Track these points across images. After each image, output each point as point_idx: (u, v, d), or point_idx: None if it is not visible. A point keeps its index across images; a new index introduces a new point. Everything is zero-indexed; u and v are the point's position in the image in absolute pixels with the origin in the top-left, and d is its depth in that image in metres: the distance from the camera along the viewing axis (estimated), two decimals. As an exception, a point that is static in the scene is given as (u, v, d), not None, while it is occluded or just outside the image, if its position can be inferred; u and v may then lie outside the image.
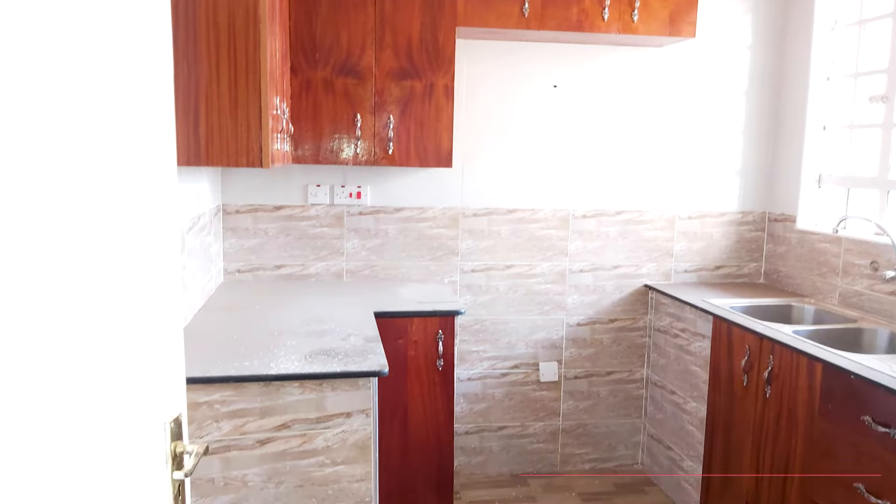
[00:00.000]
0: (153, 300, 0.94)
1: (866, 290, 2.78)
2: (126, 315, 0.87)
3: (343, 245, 3.07)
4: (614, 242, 3.29)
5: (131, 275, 0.89)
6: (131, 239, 0.89)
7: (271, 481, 1.83)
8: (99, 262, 0.81)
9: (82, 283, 0.77)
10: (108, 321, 0.83)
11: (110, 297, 0.83)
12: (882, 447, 1.94)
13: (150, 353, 0.93)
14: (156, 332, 0.95)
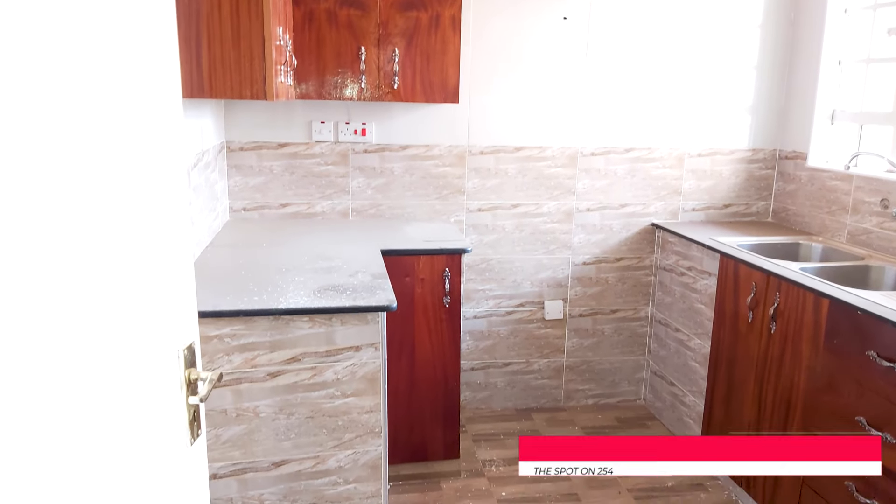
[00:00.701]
0: (164, 230, 0.94)
1: (875, 228, 2.76)
2: (138, 245, 0.87)
3: (348, 183, 3.05)
4: (622, 181, 3.26)
5: (142, 206, 0.88)
6: (141, 169, 0.88)
7: (282, 412, 1.86)
8: (110, 194, 0.79)
9: (95, 214, 0.76)
10: (121, 251, 0.82)
11: (123, 229, 0.83)
12: (885, 381, 1.96)
13: (162, 282, 0.93)
14: (166, 261, 0.95)
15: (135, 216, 0.86)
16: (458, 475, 2.83)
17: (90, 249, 0.75)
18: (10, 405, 0.61)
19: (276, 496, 1.92)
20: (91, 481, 0.77)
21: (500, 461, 2.96)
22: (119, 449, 0.83)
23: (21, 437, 0.63)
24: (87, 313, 0.75)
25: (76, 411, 0.73)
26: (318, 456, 1.91)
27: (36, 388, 0.66)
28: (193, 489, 1.03)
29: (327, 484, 1.94)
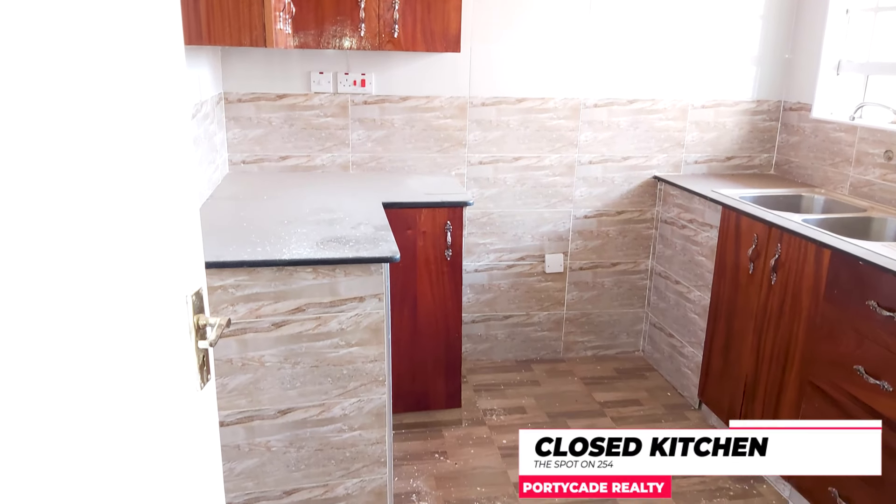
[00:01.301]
0: (169, 175, 0.93)
1: (878, 180, 2.75)
2: (145, 191, 0.86)
3: (348, 136, 3.02)
4: (625, 133, 3.23)
5: (148, 151, 0.87)
6: (146, 114, 0.86)
7: (287, 361, 1.88)
8: (117, 140, 0.78)
9: (103, 161, 0.75)
10: (129, 197, 0.82)
11: (130, 175, 0.82)
12: (885, 331, 1.97)
13: (169, 227, 0.93)
14: (173, 206, 0.94)
15: (141, 162, 0.85)
16: (460, 423, 2.88)
17: (99, 194, 0.75)
18: (26, 345, 0.62)
19: (283, 443, 1.95)
20: (104, 426, 0.78)
21: (500, 410, 3.01)
22: (131, 394, 0.84)
23: (35, 376, 0.64)
24: (97, 259, 0.75)
25: (88, 357, 0.74)
26: (323, 404, 1.94)
27: (50, 329, 0.66)
28: (204, 433, 1.05)
29: (332, 431, 1.97)
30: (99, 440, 0.77)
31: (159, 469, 0.91)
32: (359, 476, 2.04)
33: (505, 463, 2.63)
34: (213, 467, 1.09)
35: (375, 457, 2.03)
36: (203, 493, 1.07)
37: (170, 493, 0.94)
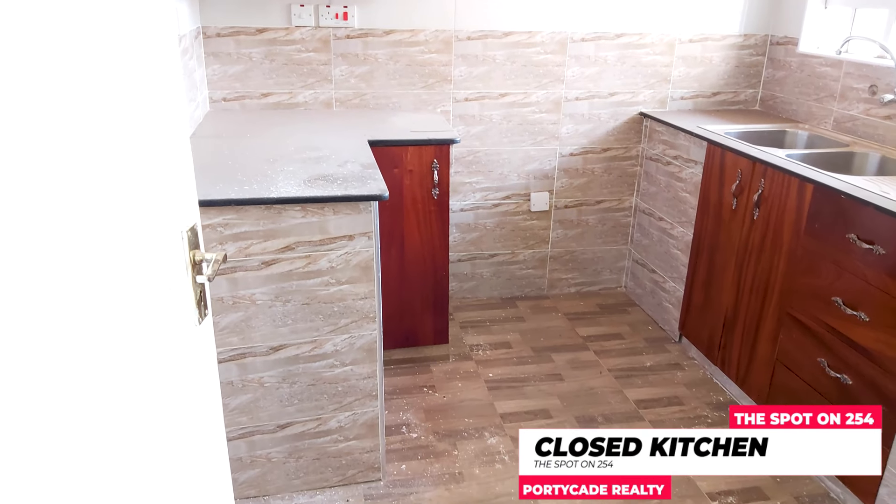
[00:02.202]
0: (160, 108, 0.91)
1: (861, 115, 2.76)
2: (136, 125, 0.84)
3: (331, 71, 2.95)
4: (612, 68, 3.19)
5: (138, 84, 0.85)
6: (134, 45, 0.84)
7: (278, 299, 1.89)
8: (107, 75, 0.76)
9: (93, 95, 0.73)
10: (121, 131, 0.80)
11: (121, 109, 0.80)
12: (864, 263, 2.02)
13: (162, 162, 0.92)
14: (164, 140, 0.93)
15: (131, 95, 0.83)
16: (447, 359, 2.94)
17: (90, 127, 0.73)
18: (29, 283, 0.62)
19: (276, 378, 1.98)
20: (105, 361, 0.79)
21: (486, 346, 3.07)
22: (132, 330, 0.85)
23: (38, 312, 0.64)
24: (91, 196, 0.74)
25: (87, 297, 0.74)
26: (314, 340, 1.97)
27: (48, 266, 0.66)
28: (203, 367, 1.07)
29: (325, 366, 2.01)
30: (101, 378, 0.78)
31: (161, 404, 0.93)
32: (351, 409, 2.09)
33: (491, 395, 2.70)
34: (213, 401, 1.11)
35: (367, 391, 2.08)
36: (204, 426, 1.09)
37: (172, 427, 0.96)
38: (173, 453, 0.97)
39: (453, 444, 2.41)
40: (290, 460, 2.10)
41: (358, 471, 2.17)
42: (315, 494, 2.15)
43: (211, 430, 1.11)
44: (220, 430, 1.14)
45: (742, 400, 2.67)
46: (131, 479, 0.86)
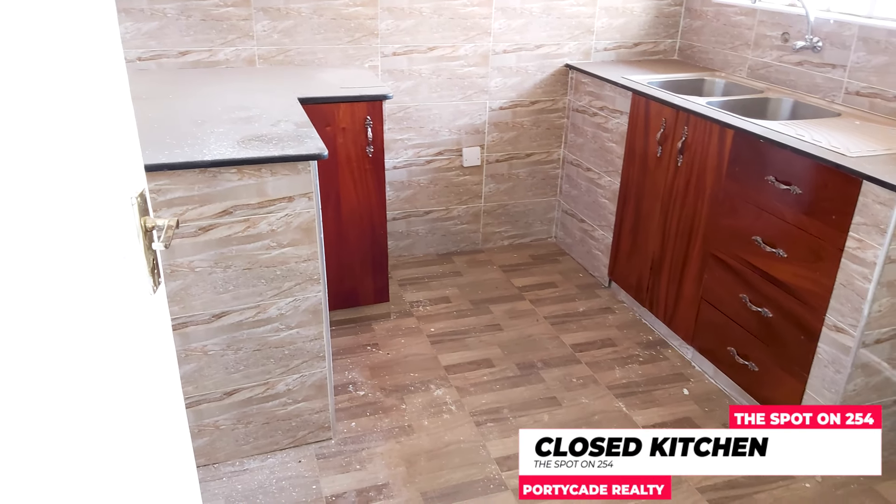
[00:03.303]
0: (98, 67, 0.86)
1: (774, 62, 2.90)
2: (76, 86, 0.79)
3: (252, 27, 2.83)
4: (537, 20, 3.21)
5: (72, 41, 0.79)
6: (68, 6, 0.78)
7: (218, 266, 1.85)
8: (39, 37, 0.71)
9: (25, 56, 0.68)
10: (59, 92, 0.75)
11: (57, 67, 0.75)
12: (782, 203, 2.16)
13: (105, 125, 0.87)
14: (106, 102, 0.88)
15: (69, 53, 0.78)
16: (389, 317, 2.95)
17: (28, 90, 0.69)
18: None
19: (219, 346, 1.95)
20: (58, 336, 0.76)
21: (426, 301, 3.10)
22: (84, 302, 0.81)
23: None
24: (32, 163, 0.70)
25: (34, 269, 0.70)
26: (258, 305, 1.94)
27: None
28: (158, 337, 1.04)
29: (270, 331, 1.98)
30: (55, 353, 0.75)
31: (119, 376, 0.91)
32: (299, 372, 2.08)
33: (434, 349, 2.74)
34: (170, 370, 1.09)
35: (314, 352, 2.07)
36: (162, 397, 1.07)
37: (129, 400, 0.94)
38: (133, 425, 0.95)
39: (401, 399, 2.45)
40: (239, 426, 2.08)
41: (308, 431, 2.18)
42: (266, 458, 2.14)
43: (170, 400, 1.09)
44: (178, 399, 1.12)
45: (670, 339, 2.82)
46: (90, 452, 0.84)
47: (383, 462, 2.15)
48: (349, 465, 2.14)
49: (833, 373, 2.04)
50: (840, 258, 1.96)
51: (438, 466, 2.14)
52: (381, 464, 2.15)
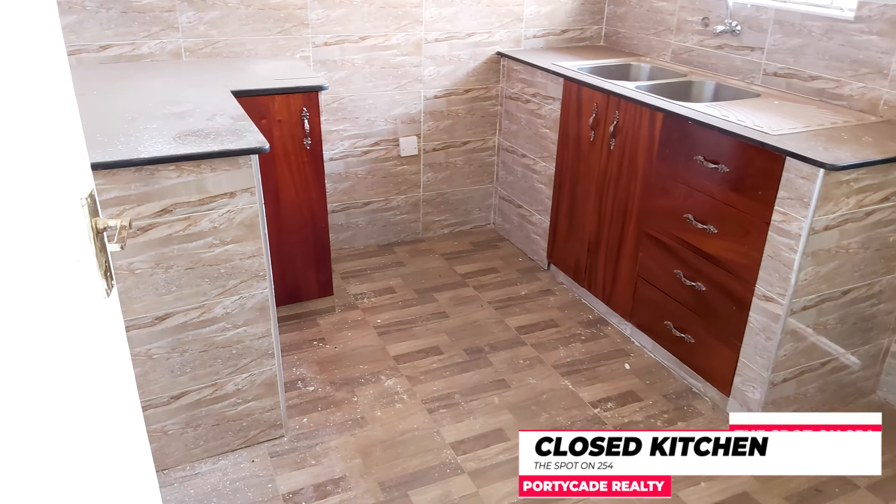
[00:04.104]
0: (39, 60, 0.82)
1: (696, 46, 3.02)
2: (18, 83, 0.75)
3: (177, 19, 2.74)
4: (468, 8, 3.22)
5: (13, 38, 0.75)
6: None
7: (159, 267, 1.79)
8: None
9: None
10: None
11: None
12: (711, 181, 2.26)
13: (50, 123, 0.83)
14: (50, 99, 0.84)
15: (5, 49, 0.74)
16: (333, 310, 2.93)
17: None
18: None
19: (164, 349, 1.89)
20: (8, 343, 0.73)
21: (370, 293, 3.09)
22: (37, 308, 0.78)
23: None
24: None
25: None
26: (203, 305, 1.89)
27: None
28: (113, 341, 1.00)
29: (216, 331, 1.94)
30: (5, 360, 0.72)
31: (73, 384, 0.87)
32: (248, 371, 2.04)
33: (382, 340, 2.74)
34: (126, 374, 1.05)
35: (263, 350, 2.04)
36: (119, 403, 1.03)
37: (86, 407, 0.91)
38: (91, 432, 0.92)
39: (351, 392, 2.44)
40: (188, 430, 2.03)
41: (260, 430, 2.15)
42: (218, 460, 2.10)
43: (127, 404, 1.06)
44: (135, 404, 1.09)
45: (610, 316, 2.92)
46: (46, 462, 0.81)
47: (338, 455, 2.15)
48: (304, 461, 2.12)
49: (764, 340, 2.16)
50: (767, 231, 2.08)
51: (394, 455, 2.15)
52: (336, 457, 2.14)
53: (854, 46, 2.35)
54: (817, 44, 2.48)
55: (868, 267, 2.14)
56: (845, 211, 1.98)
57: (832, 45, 2.42)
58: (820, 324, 2.16)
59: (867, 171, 1.95)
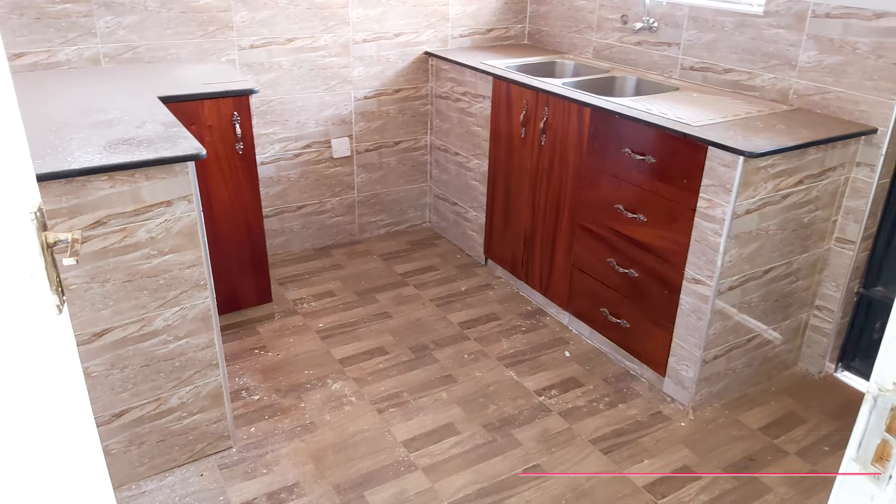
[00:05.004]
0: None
1: (616, 43, 3.14)
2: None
3: (94, 24, 2.63)
4: (395, 9, 3.24)
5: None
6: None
7: (95, 280, 1.73)
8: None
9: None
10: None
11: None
12: (638, 172, 2.36)
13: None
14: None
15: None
16: (273, 317, 2.89)
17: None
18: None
19: (103, 366, 1.83)
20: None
21: (309, 297, 3.06)
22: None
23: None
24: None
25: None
26: (143, 318, 1.83)
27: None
28: (66, 359, 0.97)
29: (157, 343, 1.89)
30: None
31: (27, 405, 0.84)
32: (192, 383, 2.00)
33: (325, 344, 2.73)
34: (80, 394, 1.02)
35: (207, 361, 2.00)
36: (75, 421, 1.00)
37: (41, 427, 0.88)
38: (47, 454, 0.89)
39: (298, 398, 2.42)
40: (132, 448, 1.96)
41: (207, 443, 2.10)
42: (165, 477, 2.04)
43: (82, 423, 1.02)
44: (90, 421, 1.06)
45: (548, 307, 3.00)
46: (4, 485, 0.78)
47: (290, 462, 2.13)
48: (255, 470, 2.09)
49: (695, 321, 2.28)
50: (693, 218, 2.19)
51: (347, 458, 2.15)
52: (288, 464, 2.12)
53: (764, 40, 2.50)
54: (730, 38, 2.63)
55: (786, 247, 2.29)
56: (764, 195, 2.12)
57: (743, 39, 2.57)
58: (745, 302, 2.30)
59: (782, 157, 2.08)
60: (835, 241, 2.42)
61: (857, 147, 2.28)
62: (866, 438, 0.69)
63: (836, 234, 2.41)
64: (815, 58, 2.36)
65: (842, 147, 2.23)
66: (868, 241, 2.39)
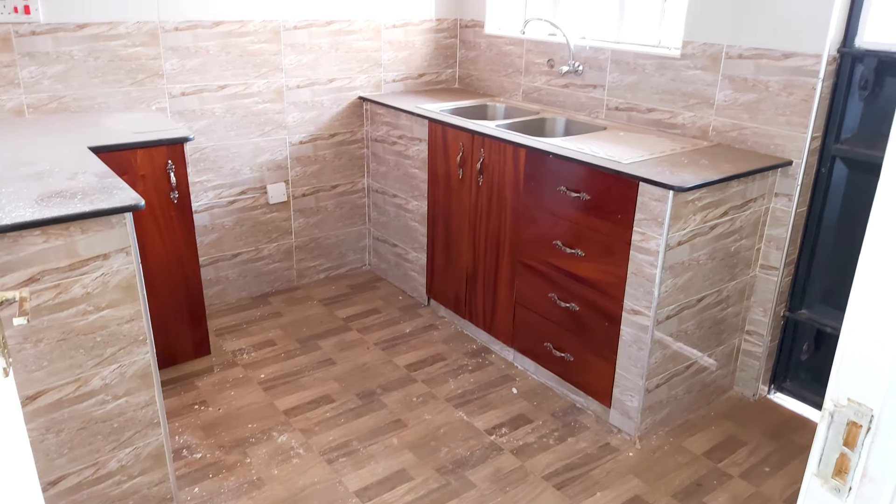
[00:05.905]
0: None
1: (544, 86, 3.26)
2: None
3: (17, 74, 2.54)
4: (327, 55, 3.27)
5: None
6: None
7: (27, 341, 1.63)
8: None
9: None
10: None
11: None
12: (574, 209, 2.44)
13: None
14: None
15: None
16: (212, 370, 2.80)
17: None
18: None
19: (37, 431, 1.72)
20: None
21: (249, 348, 2.98)
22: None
23: None
24: None
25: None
26: (78, 379, 1.74)
27: None
28: (12, 423, 0.92)
29: (95, 404, 1.79)
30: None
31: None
32: (132, 444, 1.90)
33: (268, 395, 2.65)
34: (25, 460, 0.96)
35: (147, 420, 1.91)
36: (20, 490, 0.94)
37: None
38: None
39: (243, 453, 2.33)
40: (67, 519, 1.84)
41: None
42: (103, 547, 1.92)
43: (28, 492, 0.96)
44: (36, 489, 0.99)
45: (492, 344, 3.03)
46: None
47: (239, 521, 2.04)
48: (201, 532, 1.99)
49: (636, 350, 2.34)
50: (629, 251, 2.28)
51: (298, 512, 2.08)
52: (236, 523, 2.03)
53: (683, 81, 2.66)
54: (651, 80, 2.78)
55: (716, 275, 2.40)
56: (693, 227, 2.22)
57: (664, 80, 2.73)
58: (682, 331, 2.39)
59: (708, 191, 2.20)
60: (760, 268, 2.56)
61: (775, 178, 2.43)
62: (826, 453, 0.73)
63: (760, 261, 2.55)
64: (730, 96, 2.52)
65: (761, 179, 2.38)
66: (790, 267, 2.54)
